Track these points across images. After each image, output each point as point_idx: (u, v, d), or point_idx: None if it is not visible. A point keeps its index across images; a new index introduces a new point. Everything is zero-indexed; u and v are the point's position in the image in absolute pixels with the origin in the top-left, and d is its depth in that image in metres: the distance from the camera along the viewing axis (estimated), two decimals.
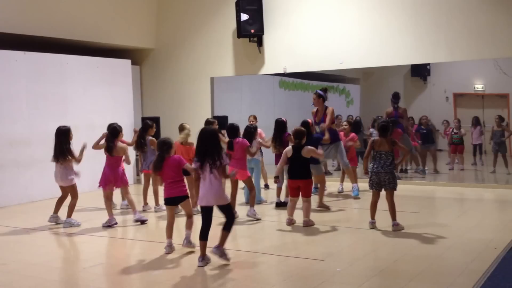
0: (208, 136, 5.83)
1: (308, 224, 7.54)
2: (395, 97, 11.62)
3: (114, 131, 8.00)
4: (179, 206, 6.66)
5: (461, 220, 7.89)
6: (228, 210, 5.91)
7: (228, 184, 6.97)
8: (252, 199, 8.15)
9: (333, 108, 9.57)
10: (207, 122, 9.36)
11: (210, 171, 5.73)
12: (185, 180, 6.53)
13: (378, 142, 7.18)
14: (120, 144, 8.03)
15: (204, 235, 5.85)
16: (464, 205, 9.35)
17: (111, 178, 7.91)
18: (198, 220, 6.12)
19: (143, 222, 8.00)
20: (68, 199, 8.03)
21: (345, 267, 5.64)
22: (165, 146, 6.37)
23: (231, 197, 8.23)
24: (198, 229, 5.93)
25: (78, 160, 7.93)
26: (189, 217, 6.43)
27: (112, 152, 7.90)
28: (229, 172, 6.02)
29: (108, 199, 7.98)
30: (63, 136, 7.86)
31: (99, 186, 7.98)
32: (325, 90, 9.68)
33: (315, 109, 9.61)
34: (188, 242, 6.32)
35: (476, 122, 12.07)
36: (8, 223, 8.38)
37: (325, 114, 9.43)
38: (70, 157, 7.84)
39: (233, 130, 8.24)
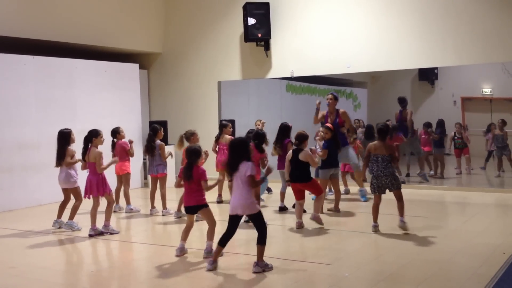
0: (233, 146, 5.84)
1: (315, 218, 7.58)
2: (400, 101, 11.80)
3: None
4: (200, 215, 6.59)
5: (469, 225, 7.86)
6: (258, 220, 5.78)
7: None
8: None
9: (345, 110, 9.53)
10: (221, 125, 9.45)
11: (236, 180, 5.71)
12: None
13: (374, 147, 7.20)
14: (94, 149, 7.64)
15: (222, 241, 5.81)
16: (471, 209, 9.30)
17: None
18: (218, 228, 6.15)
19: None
20: (71, 203, 8.03)
21: (353, 272, 5.63)
22: (195, 155, 6.26)
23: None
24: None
25: (74, 162, 7.86)
26: (210, 226, 6.29)
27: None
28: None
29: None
30: (63, 139, 7.88)
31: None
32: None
33: (325, 111, 9.57)
34: (208, 253, 6.16)
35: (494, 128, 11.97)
36: (16, 226, 8.42)
37: (338, 116, 9.36)
38: (70, 159, 7.82)
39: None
